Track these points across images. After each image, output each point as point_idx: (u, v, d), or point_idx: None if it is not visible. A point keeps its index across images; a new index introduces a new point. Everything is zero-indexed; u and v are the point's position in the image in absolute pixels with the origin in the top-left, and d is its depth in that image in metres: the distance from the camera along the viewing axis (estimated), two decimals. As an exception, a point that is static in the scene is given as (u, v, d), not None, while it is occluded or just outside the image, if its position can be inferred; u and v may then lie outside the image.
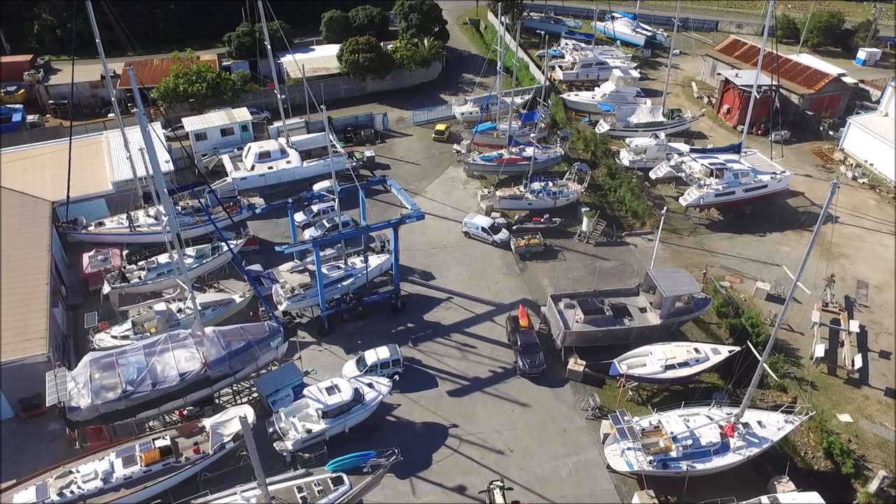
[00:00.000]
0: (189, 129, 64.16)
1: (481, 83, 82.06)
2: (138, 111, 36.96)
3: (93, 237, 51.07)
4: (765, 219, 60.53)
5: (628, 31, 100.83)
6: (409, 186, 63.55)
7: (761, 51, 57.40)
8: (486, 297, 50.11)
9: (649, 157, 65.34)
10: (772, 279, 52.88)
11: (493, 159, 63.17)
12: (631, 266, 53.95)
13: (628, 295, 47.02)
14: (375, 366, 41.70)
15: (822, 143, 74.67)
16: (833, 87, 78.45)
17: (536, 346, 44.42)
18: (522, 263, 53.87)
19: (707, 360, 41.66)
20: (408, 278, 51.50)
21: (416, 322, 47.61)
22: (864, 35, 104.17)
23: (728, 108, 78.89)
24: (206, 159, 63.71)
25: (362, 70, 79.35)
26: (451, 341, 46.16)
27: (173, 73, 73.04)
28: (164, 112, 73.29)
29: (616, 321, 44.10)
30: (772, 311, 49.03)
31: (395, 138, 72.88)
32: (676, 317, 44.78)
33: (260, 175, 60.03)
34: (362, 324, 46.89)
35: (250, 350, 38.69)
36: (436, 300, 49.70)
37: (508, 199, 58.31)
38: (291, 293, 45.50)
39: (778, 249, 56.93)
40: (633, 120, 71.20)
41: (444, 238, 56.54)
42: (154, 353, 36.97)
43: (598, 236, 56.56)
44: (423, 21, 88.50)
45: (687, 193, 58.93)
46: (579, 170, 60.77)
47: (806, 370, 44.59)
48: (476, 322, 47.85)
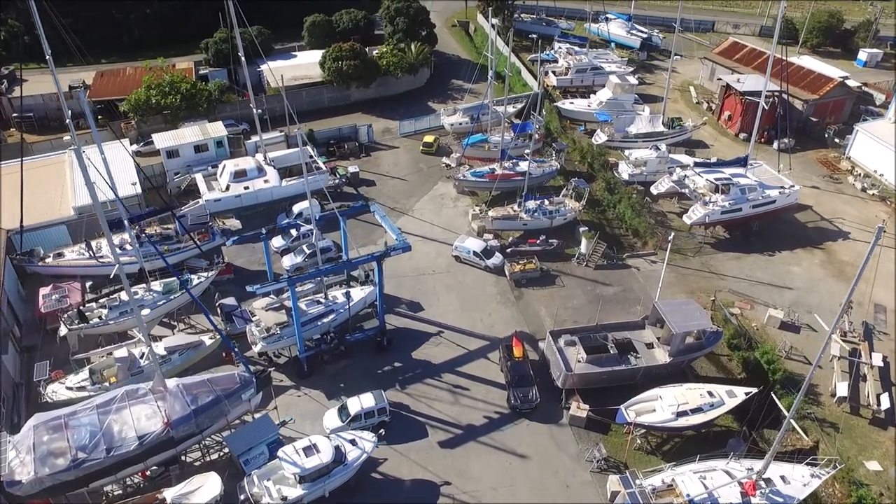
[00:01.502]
0: (160, 146, 59.89)
1: (471, 90, 78.40)
2: (94, 132, 33.63)
3: (51, 269, 46.90)
4: (773, 236, 57.14)
5: (623, 33, 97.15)
6: (395, 205, 59.80)
7: (770, 56, 53.90)
8: (479, 330, 46.39)
9: (650, 171, 61.77)
10: (784, 304, 49.53)
11: (485, 175, 59.39)
12: (634, 292, 50.40)
13: (633, 328, 43.41)
14: (359, 415, 37.92)
15: (828, 152, 71.37)
16: (838, 92, 75.26)
17: (530, 378, 41.06)
18: (518, 290, 50.18)
19: (722, 404, 38.15)
20: (394, 310, 47.70)
21: (404, 361, 43.83)
22: (865, 35, 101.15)
23: (729, 114, 75.45)
24: (178, 178, 59.55)
25: (346, 78, 75.37)
26: (441, 382, 42.42)
27: (145, 83, 68.76)
28: (136, 126, 69.07)
29: (621, 360, 40.50)
30: (787, 341, 45.60)
31: (380, 151, 68.96)
32: (687, 354, 41.28)
33: (235, 196, 55.96)
34: (345, 364, 43.10)
35: (219, 405, 34.85)
36: (425, 335, 45.93)
37: (501, 220, 54.60)
38: (267, 333, 41.62)
39: (788, 270, 53.53)
40: (631, 130, 67.55)
41: (433, 263, 52.74)
42: (109, 411, 33.05)
43: (598, 259, 52.93)
44: (409, 25, 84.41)
45: (691, 211, 55.41)
46: (577, 186, 57.10)
47: (827, 409, 41.17)
48: (469, 359, 44.12)
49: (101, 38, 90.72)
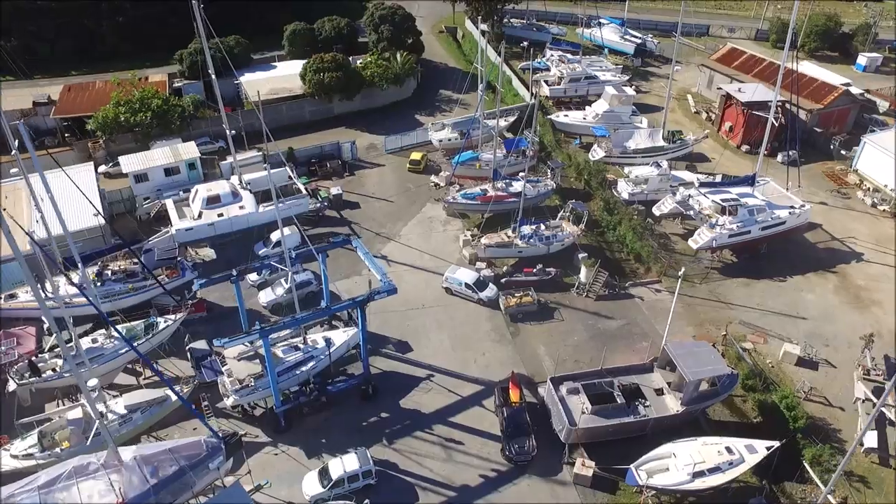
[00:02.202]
0: (127, 169, 55.62)
1: (461, 101, 74.70)
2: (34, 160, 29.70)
3: (2, 312, 42.76)
4: (782, 259, 53.82)
5: (616, 39, 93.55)
6: (381, 229, 55.99)
7: (781, 67, 50.50)
8: (472, 373, 42.68)
9: (651, 189, 58.27)
10: (799, 337, 46.22)
11: (476, 197, 55.67)
12: (639, 325, 46.90)
13: (641, 372, 39.89)
14: (342, 480, 34.16)
15: (835, 164, 68.21)
16: (842, 101, 72.20)
17: (527, 427, 37.54)
18: (514, 326, 46.52)
19: (742, 461, 34.65)
20: (380, 350, 43.94)
21: (391, 410, 40.05)
22: (864, 38, 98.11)
23: (730, 125, 72.16)
24: (147, 204, 55.40)
25: (328, 90, 71.40)
26: (433, 435, 38.66)
27: (113, 100, 64.52)
28: (105, 145, 64.82)
29: (630, 410, 36.93)
30: (805, 381, 42.24)
31: (365, 169, 65.06)
32: (701, 402, 37.79)
33: (208, 224, 51.81)
34: (327, 416, 39.28)
35: (183, 477, 30.97)
36: (414, 380, 42.15)
37: (495, 248, 50.91)
38: (240, 385, 37.73)
39: (801, 297, 50.21)
40: (630, 145, 64.02)
41: (422, 295, 48.96)
42: (53, 491, 29.08)
43: (600, 288, 49.36)
44: (395, 33, 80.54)
45: (697, 234, 51.96)
46: (574, 208, 53.53)
47: (854, 460, 37.82)
48: (462, 407, 40.40)
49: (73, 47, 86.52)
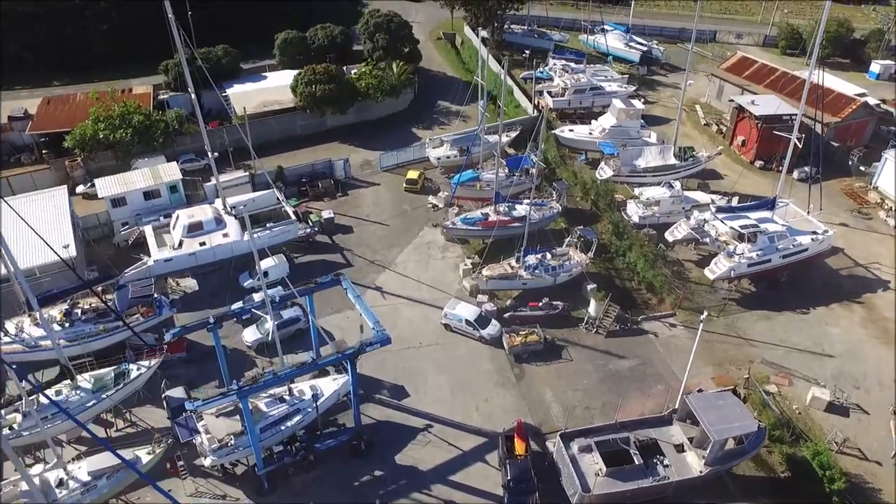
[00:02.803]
0: (103, 193, 51.92)
1: (460, 113, 71.13)
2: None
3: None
4: (804, 288, 50.37)
5: (621, 46, 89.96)
6: (375, 256, 52.46)
7: (807, 83, 46.92)
8: (474, 423, 39.14)
9: (663, 212, 54.71)
10: (826, 377, 42.84)
11: (478, 223, 52.13)
12: (653, 365, 43.45)
13: (658, 425, 36.41)
14: (330, 555, 30.77)
15: (853, 181, 64.80)
16: (860, 114, 68.77)
17: (531, 484, 34.21)
18: (518, 367, 42.99)
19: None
20: (374, 397, 40.43)
21: (386, 468, 36.48)
22: (876, 45, 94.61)
23: (743, 139, 68.68)
24: (125, 231, 51.75)
25: (320, 104, 67.78)
26: (432, 497, 35.16)
27: (92, 116, 60.86)
28: (83, 163, 61.16)
29: (648, 472, 33.44)
30: (837, 431, 38.79)
31: (359, 189, 61.44)
32: (727, 461, 34.34)
33: (189, 254, 48.25)
34: (315, 475, 35.75)
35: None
36: (410, 431, 38.60)
37: (498, 279, 47.37)
38: (218, 444, 34.19)
39: (826, 331, 46.79)
40: (640, 164, 60.45)
41: (419, 332, 45.42)
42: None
43: (610, 324, 45.87)
44: (390, 42, 76.88)
45: (714, 264, 48.47)
46: (582, 235, 50.05)
47: (895, 524, 34.53)
48: (463, 463, 36.87)
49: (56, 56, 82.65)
